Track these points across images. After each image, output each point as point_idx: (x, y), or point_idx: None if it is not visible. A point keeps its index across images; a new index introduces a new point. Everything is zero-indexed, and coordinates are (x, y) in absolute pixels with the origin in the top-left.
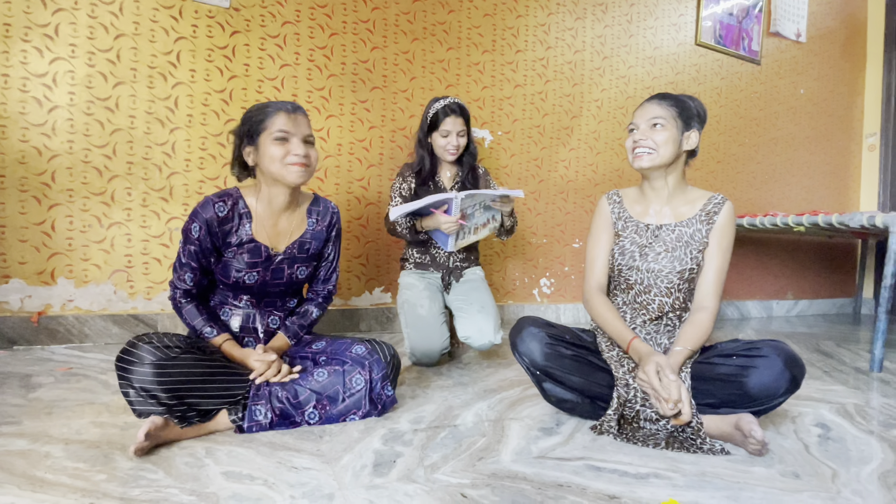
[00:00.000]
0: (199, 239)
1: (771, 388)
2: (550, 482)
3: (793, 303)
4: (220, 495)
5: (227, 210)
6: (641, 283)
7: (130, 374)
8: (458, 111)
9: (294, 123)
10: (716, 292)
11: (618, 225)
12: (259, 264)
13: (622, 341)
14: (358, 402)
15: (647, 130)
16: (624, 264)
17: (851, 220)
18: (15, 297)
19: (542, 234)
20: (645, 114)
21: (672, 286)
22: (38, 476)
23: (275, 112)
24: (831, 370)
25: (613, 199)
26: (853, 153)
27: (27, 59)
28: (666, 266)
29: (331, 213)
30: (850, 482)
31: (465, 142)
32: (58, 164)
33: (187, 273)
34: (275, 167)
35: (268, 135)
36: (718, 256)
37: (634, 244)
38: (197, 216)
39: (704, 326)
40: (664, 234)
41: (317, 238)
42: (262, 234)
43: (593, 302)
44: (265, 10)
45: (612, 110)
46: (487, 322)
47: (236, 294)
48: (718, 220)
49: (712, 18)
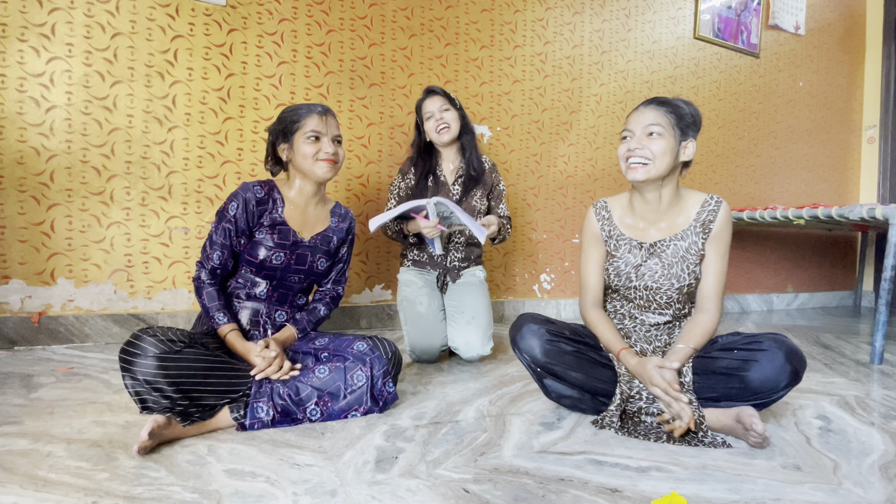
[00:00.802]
0: (236, 217)
1: (772, 382)
2: (552, 476)
3: (793, 296)
4: (222, 493)
5: (264, 193)
6: (641, 298)
7: (134, 367)
8: (435, 90)
9: (325, 124)
10: (717, 296)
11: (609, 244)
12: (287, 246)
13: (612, 350)
14: (359, 398)
15: (642, 138)
16: (621, 285)
17: (851, 212)
18: (15, 298)
19: (542, 229)
20: (641, 119)
21: (671, 300)
22: (41, 475)
23: (308, 114)
24: (832, 363)
25: (602, 214)
26: (852, 146)
27: (24, 59)
28: (664, 284)
29: (349, 220)
30: (851, 474)
31: (452, 117)
32: (56, 164)
33: (216, 252)
34: (307, 163)
35: (301, 134)
36: (718, 262)
37: (629, 265)
38: (236, 196)
39: (707, 327)
40: (659, 251)
41: (337, 235)
42: (292, 219)
43: (588, 317)
44: (262, 8)
45: (611, 105)
46: (476, 334)
47: (256, 279)
48: (714, 229)
49: (711, 12)
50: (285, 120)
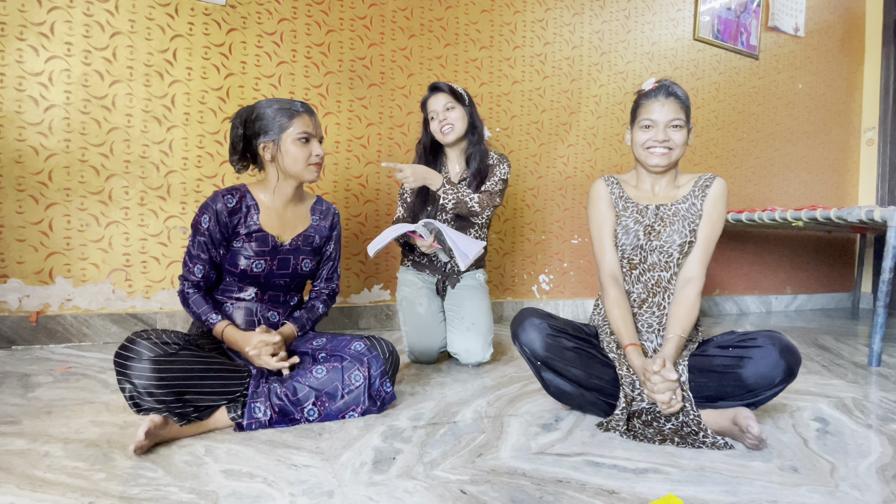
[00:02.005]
0: (209, 230)
1: (767, 378)
2: (550, 478)
3: (791, 297)
4: (219, 493)
5: (235, 202)
6: (644, 261)
7: (129, 371)
8: (441, 87)
9: (314, 125)
10: (702, 263)
11: (618, 205)
12: (266, 253)
13: (620, 342)
14: (357, 398)
15: (667, 130)
16: (628, 243)
17: (850, 214)
18: (13, 297)
19: (541, 230)
20: (665, 112)
21: (671, 260)
22: (38, 475)
23: (297, 114)
24: (830, 364)
25: (611, 181)
26: (851, 148)
27: (23, 58)
28: (667, 241)
29: (332, 214)
30: (848, 476)
31: (456, 116)
32: (55, 164)
33: (197, 265)
34: (297, 167)
35: (289, 135)
36: (708, 228)
37: (638, 223)
38: (207, 208)
39: (692, 302)
40: (663, 213)
41: (319, 234)
42: (269, 224)
43: (608, 294)
44: (262, 8)
45: (611, 106)
46: (476, 341)
47: (242, 286)
48: (710, 192)
49: (710, 13)
50: (266, 117)
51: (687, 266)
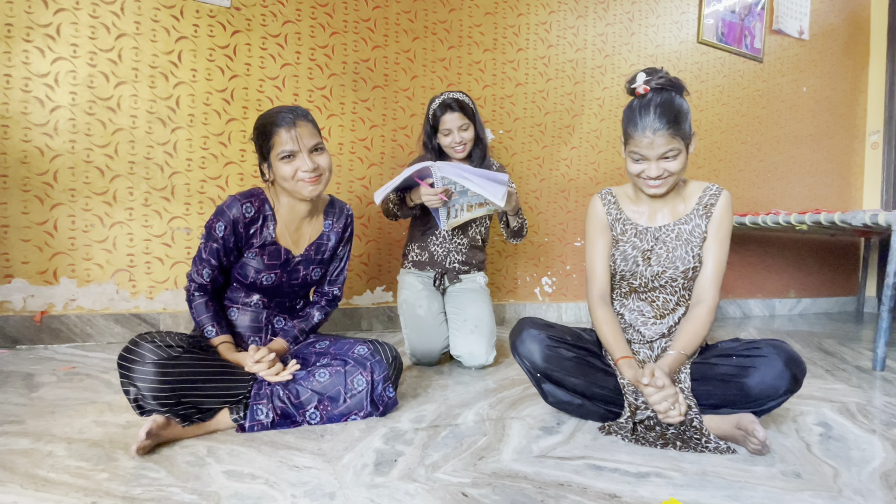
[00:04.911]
0: (223, 237)
1: (771, 388)
2: (551, 481)
3: (795, 301)
4: (221, 494)
5: (253, 211)
6: (645, 286)
7: (132, 373)
8: (456, 106)
9: (296, 138)
10: (714, 285)
11: (615, 227)
12: (278, 266)
13: (612, 356)
14: (359, 402)
15: (660, 163)
16: (627, 270)
17: (854, 218)
18: (18, 297)
19: (544, 232)
20: (658, 147)
21: (677, 286)
22: (41, 475)
23: (276, 131)
24: (833, 369)
25: (608, 199)
26: (856, 151)
27: (29, 59)
28: (669, 268)
29: (346, 216)
30: (851, 481)
31: (469, 136)
32: (60, 164)
33: (206, 269)
34: (288, 185)
35: (275, 155)
36: (716, 248)
37: (636, 249)
38: (222, 215)
39: (702, 322)
40: (664, 235)
41: (333, 238)
42: (284, 238)
43: (596, 313)
44: (266, 10)
45: (614, 108)
46: (479, 344)
47: (249, 293)
48: (716, 212)
49: (714, 16)
50: (257, 136)
51: (698, 286)
